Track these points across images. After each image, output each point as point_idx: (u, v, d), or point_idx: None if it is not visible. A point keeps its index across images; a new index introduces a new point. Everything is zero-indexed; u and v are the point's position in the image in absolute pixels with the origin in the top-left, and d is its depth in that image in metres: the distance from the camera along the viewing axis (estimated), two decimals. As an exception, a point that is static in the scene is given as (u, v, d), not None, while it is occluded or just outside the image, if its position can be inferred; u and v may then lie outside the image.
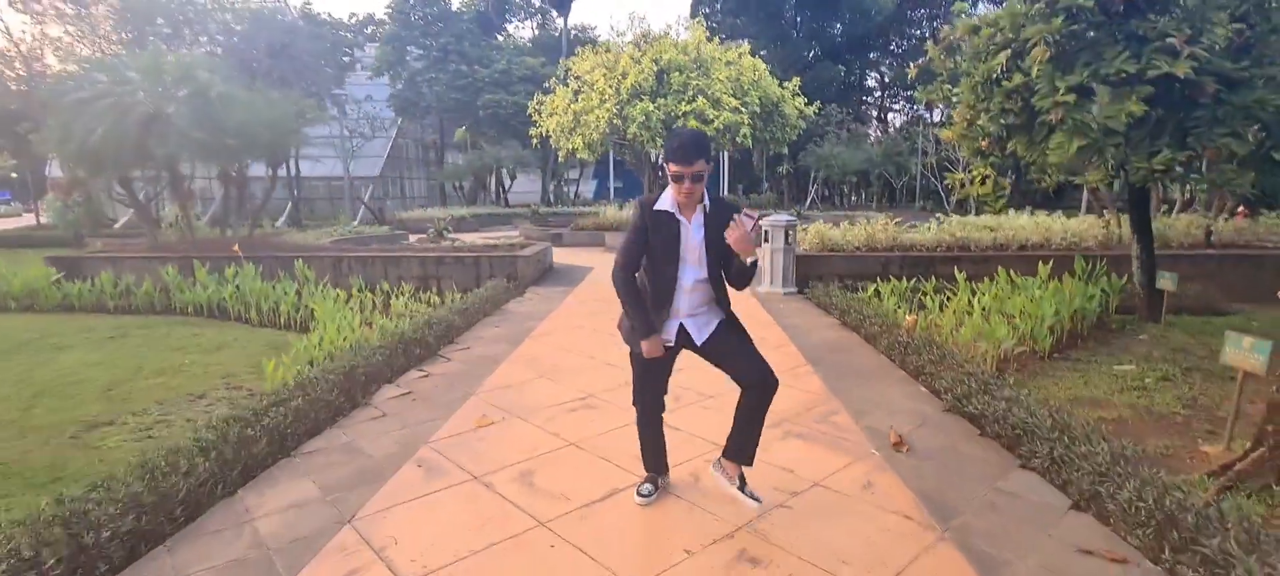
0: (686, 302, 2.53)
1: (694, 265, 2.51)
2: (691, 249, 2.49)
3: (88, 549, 2.29)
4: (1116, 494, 2.58)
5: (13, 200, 49.48)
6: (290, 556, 2.45)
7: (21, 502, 3.02)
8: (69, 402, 4.51)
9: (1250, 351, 3.44)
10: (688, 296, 2.53)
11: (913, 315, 5.98)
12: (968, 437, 3.58)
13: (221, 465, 2.96)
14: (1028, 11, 5.06)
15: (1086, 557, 2.40)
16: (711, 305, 2.59)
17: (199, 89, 9.25)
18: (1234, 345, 3.55)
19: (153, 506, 2.57)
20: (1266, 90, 4.52)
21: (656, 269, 2.52)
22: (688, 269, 2.50)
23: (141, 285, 8.57)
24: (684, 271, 2.50)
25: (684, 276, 2.51)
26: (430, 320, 5.96)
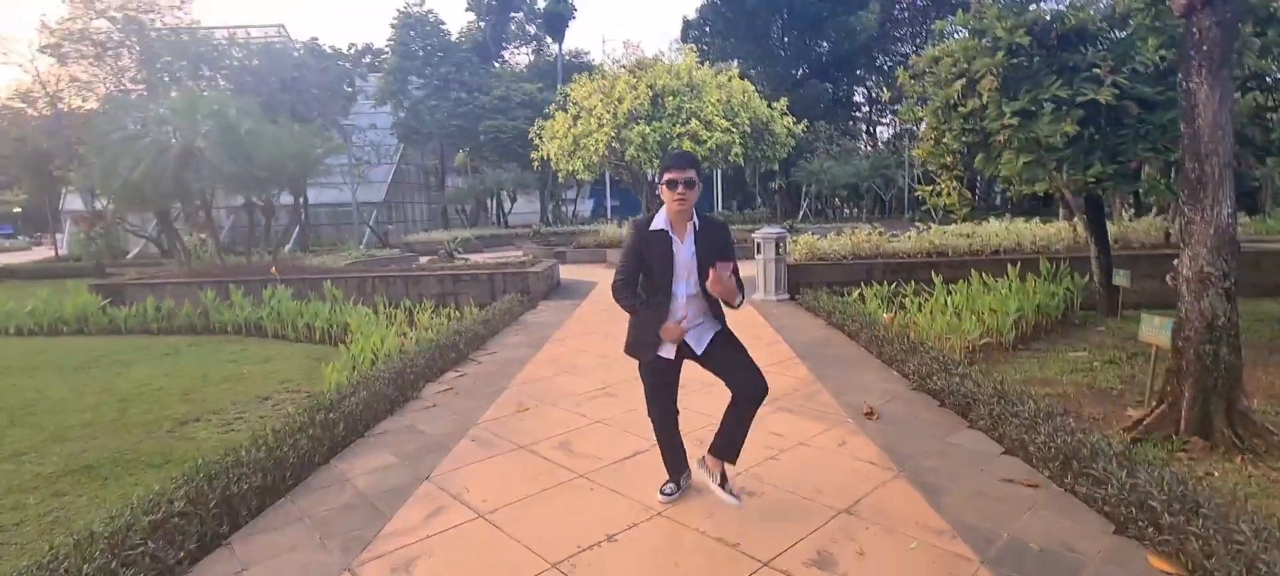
0: (680, 316, 2.67)
1: (687, 280, 2.66)
2: (684, 265, 2.64)
3: (232, 498, 2.96)
4: (1035, 439, 3.28)
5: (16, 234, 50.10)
6: (387, 502, 3.12)
7: (144, 479, 3.67)
8: (155, 406, 5.17)
9: (1160, 330, 4.14)
10: (684, 310, 2.67)
11: (890, 314, 6.70)
12: (928, 408, 4.27)
13: (314, 442, 3.63)
14: (977, 45, 5.85)
15: (1008, 484, 3.09)
16: (707, 316, 2.75)
17: (230, 126, 10.01)
18: (1147, 325, 4.26)
19: (272, 469, 3.24)
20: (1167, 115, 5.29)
21: (653, 285, 2.68)
22: (682, 284, 2.66)
23: (181, 308, 9.25)
24: (678, 287, 2.66)
25: (678, 291, 2.66)
26: (459, 329, 6.65)
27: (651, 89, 15.94)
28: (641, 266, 2.69)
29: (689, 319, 2.68)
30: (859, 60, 36.73)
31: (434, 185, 35.25)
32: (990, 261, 9.02)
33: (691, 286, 2.66)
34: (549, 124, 18.01)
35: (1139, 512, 2.55)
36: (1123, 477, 2.73)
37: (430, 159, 32.91)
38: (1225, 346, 3.48)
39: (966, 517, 2.77)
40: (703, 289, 2.65)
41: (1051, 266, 8.17)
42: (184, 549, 2.60)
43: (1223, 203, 3.30)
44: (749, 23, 31.65)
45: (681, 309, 2.67)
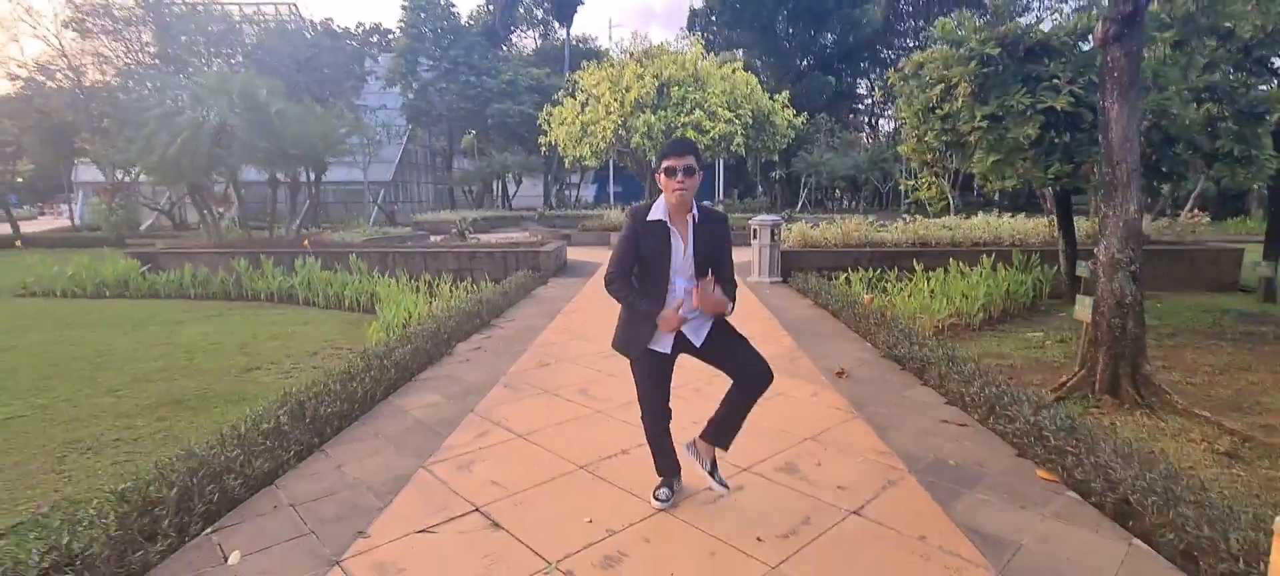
0: (684, 310, 2.56)
1: (685, 272, 2.55)
2: (682, 257, 2.54)
3: (318, 419, 3.67)
4: (969, 391, 4.00)
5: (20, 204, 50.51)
6: (442, 426, 3.85)
7: (226, 413, 4.38)
8: (217, 357, 5.89)
9: (1087, 308, 4.86)
10: (684, 305, 2.56)
11: (869, 295, 7.41)
12: (891, 371, 5.00)
13: (375, 382, 4.35)
14: (954, 55, 6.51)
15: (943, 424, 3.81)
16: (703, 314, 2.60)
17: (261, 105, 10.64)
18: (1080, 304, 4.96)
19: (346, 399, 3.96)
20: (1128, 119, 5.96)
21: (650, 277, 2.55)
22: (680, 277, 2.56)
23: (216, 276, 9.95)
24: (676, 278, 2.55)
25: (676, 283, 2.55)
26: (481, 299, 7.36)
27: (658, 79, 16.53)
28: (637, 258, 2.56)
29: (686, 309, 2.56)
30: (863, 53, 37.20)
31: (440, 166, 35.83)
32: (969, 252, 9.72)
33: (690, 279, 2.55)
34: (558, 110, 18.60)
35: (1035, 441, 3.28)
36: (1028, 415, 3.46)
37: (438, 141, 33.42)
38: (1132, 320, 4.19)
39: (905, 445, 3.50)
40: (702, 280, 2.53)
41: (1023, 258, 8.87)
42: (290, 451, 3.32)
43: (1131, 201, 4.00)
44: (755, 14, 32.07)
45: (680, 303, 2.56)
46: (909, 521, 2.71)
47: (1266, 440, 3.64)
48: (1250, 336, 6.44)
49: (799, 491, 2.99)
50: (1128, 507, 2.65)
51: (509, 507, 2.86)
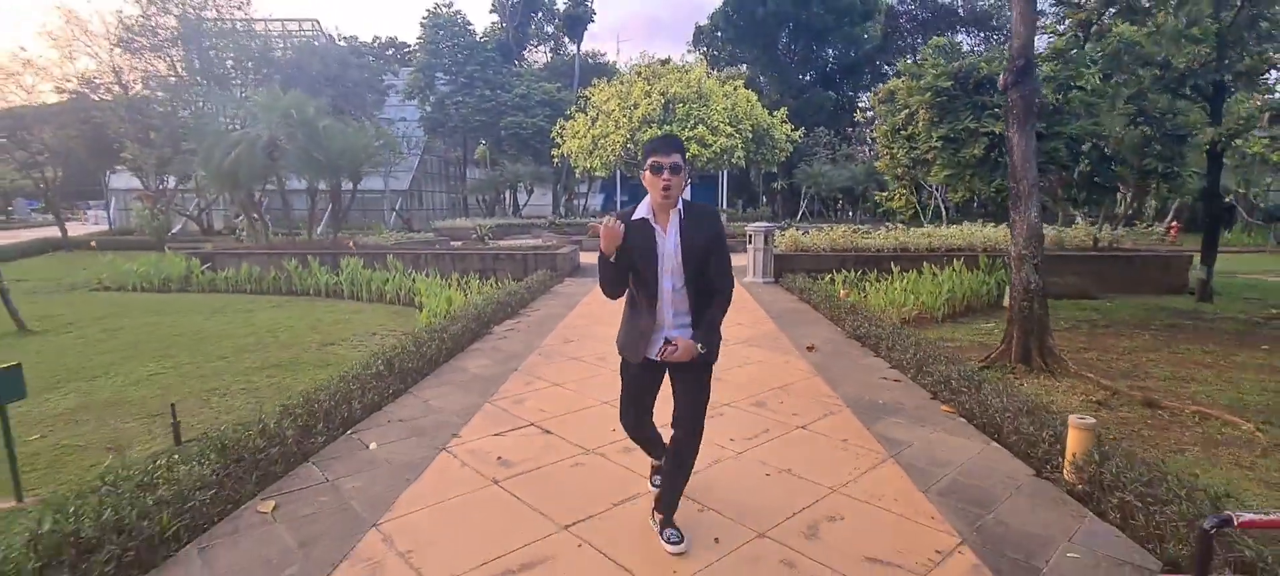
0: (670, 313, 2.50)
1: (671, 273, 2.46)
2: (668, 255, 2.45)
3: (404, 371, 4.82)
4: (905, 356, 5.11)
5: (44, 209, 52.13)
6: (495, 378, 4.99)
7: (316, 374, 5.52)
8: (295, 335, 7.06)
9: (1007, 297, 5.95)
10: (670, 306, 2.49)
11: (845, 289, 8.53)
12: (853, 347, 6.11)
13: (439, 348, 5.51)
14: (915, 86, 7.66)
15: (882, 380, 4.93)
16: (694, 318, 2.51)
17: (309, 122, 11.90)
18: (1008, 293, 6.08)
19: (420, 359, 5.11)
20: (1060, 142, 7.10)
21: (640, 279, 2.48)
22: (667, 277, 2.46)
23: (268, 274, 11.16)
24: (664, 280, 2.47)
25: (664, 284, 2.47)
26: (510, 292, 8.52)
27: (664, 96, 17.75)
28: (626, 260, 2.47)
29: (674, 318, 2.50)
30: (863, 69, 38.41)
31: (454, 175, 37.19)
32: (943, 256, 10.80)
33: (677, 279, 2.47)
34: (570, 124, 19.83)
35: (944, 387, 4.40)
36: (942, 370, 4.58)
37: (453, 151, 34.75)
38: (1037, 303, 5.30)
39: (849, 392, 4.62)
40: (690, 282, 2.48)
41: (989, 261, 9.96)
42: (389, 390, 4.47)
43: (1031, 209, 5.12)
44: (758, 32, 33.36)
45: (667, 307, 2.49)
46: (838, 432, 3.83)
47: (1129, 393, 4.74)
48: (1171, 328, 7.52)
49: (763, 416, 4.11)
50: (994, 425, 3.76)
51: (554, 423, 3.99)
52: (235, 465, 3.00)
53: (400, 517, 2.82)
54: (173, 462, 2.95)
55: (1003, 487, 3.10)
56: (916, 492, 3.05)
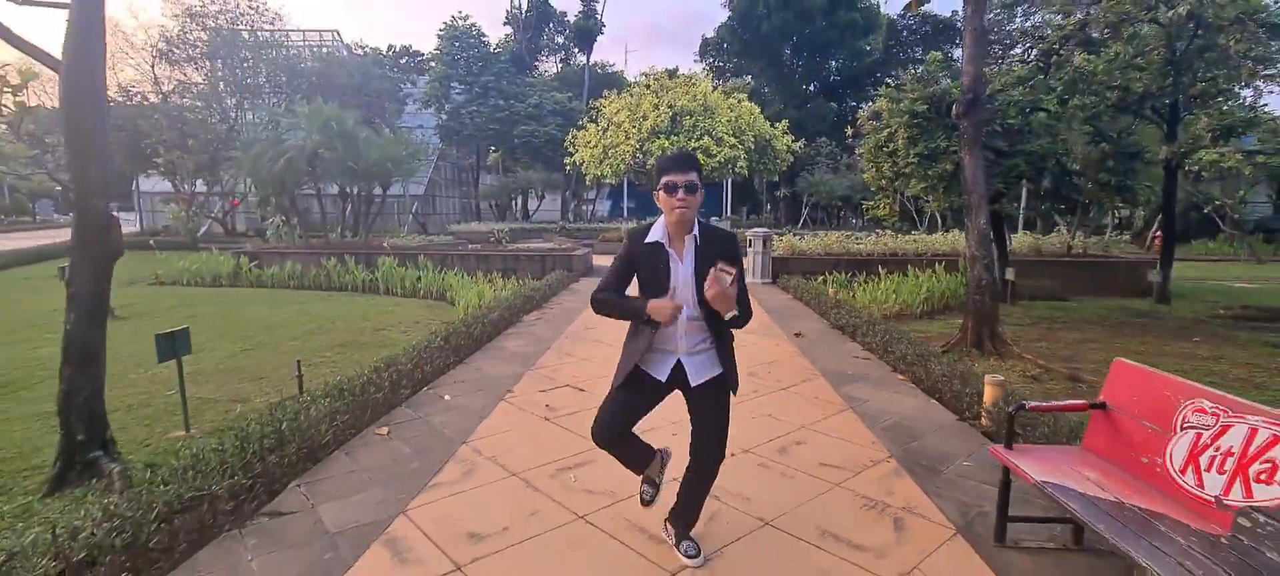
0: (685, 341, 2.33)
1: (686, 300, 2.29)
2: (683, 283, 2.28)
3: (459, 347, 5.85)
4: (876, 340, 6.10)
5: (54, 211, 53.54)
6: (532, 355, 6.00)
7: (378, 353, 6.54)
8: (349, 323, 8.10)
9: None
10: (685, 335, 2.32)
11: (834, 289, 9.51)
12: (835, 334, 7.10)
13: (484, 330, 6.53)
14: (895, 107, 8.65)
15: (854, 358, 5.92)
16: (711, 349, 2.37)
17: (349, 133, 12.99)
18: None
19: (469, 338, 6.13)
20: (1021, 160, 8.08)
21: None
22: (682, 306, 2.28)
23: (309, 271, 12.22)
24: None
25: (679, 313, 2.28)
26: (533, 288, 9.54)
27: (672, 109, 18.81)
28: (628, 282, 2.38)
29: (689, 347, 2.34)
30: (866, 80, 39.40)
31: (466, 181, 38.37)
32: (928, 260, 11.78)
33: (693, 309, 2.29)
34: (582, 134, 20.92)
35: (901, 362, 5.38)
36: (903, 350, 5.57)
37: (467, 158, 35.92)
38: (987, 297, 6.28)
39: (826, 366, 5.60)
40: (706, 313, 2.29)
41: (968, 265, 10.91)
42: (449, 360, 5.49)
43: (980, 217, 6.10)
44: (763, 45, 34.46)
45: (681, 336, 2.32)
46: (812, 393, 4.82)
47: (1059, 371, 5.71)
48: (1121, 325, 8.46)
49: (753, 382, 5.11)
50: (935, 388, 4.74)
51: (587, 384, 5.00)
52: (355, 402, 4.01)
53: (480, 438, 3.84)
54: (306, 403, 3.97)
55: (930, 427, 4.09)
56: (865, 430, 4.04)
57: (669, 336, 2.34)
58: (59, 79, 2.88)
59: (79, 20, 2.81)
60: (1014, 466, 2.52)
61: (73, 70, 2.83)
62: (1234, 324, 8.53)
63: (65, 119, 2.93)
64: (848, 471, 3.42)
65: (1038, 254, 12.45)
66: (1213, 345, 7.11)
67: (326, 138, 12.98)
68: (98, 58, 2.98)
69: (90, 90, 2.93)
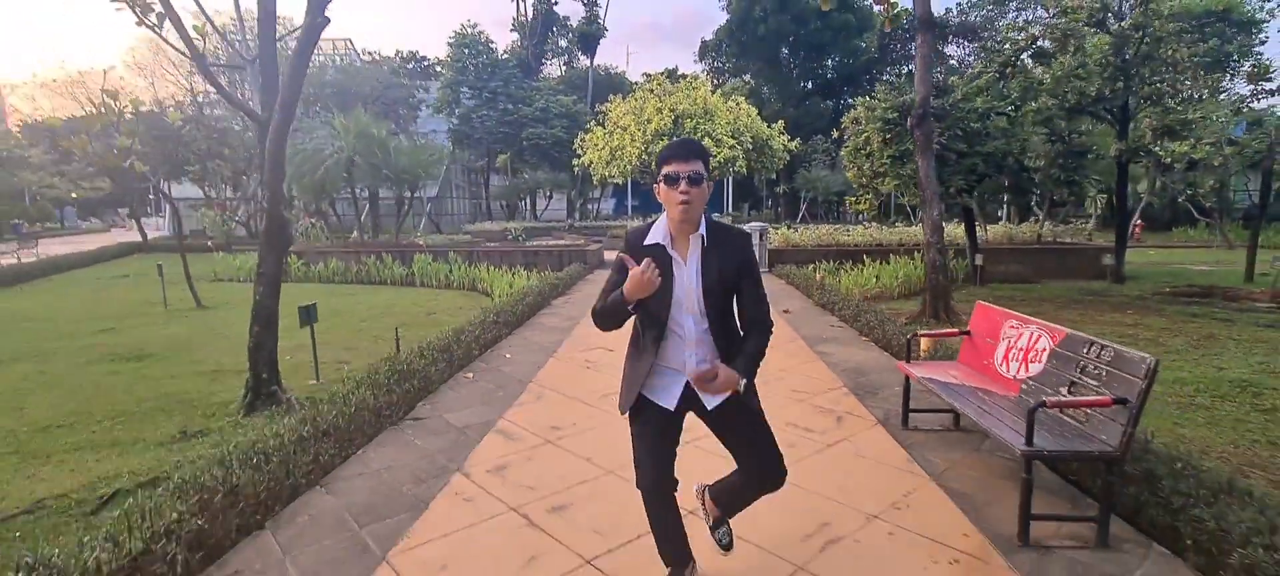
0: (694, 357, 2.01)
1: (692, 309, 1.99)
2: (688, 291, 1.98)
3: (507, 321, 7.18)
4: (848, 311, 7.41)
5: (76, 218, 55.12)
6: (568, 328, 7.34)
7: (433, 330, 7.87)
8: (403, 309, 9.43)
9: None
10: (694, 350, 2.01)
11: (821, 275, 10.82)
12: (817, 311, 8.41)
13: (525, 310, 7.87)
14: (870, 115, 9.94)
15: (831, 327, 7.24)
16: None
17: (381, 142, 14.33)
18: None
19: (514, 315, 7.47)
20: (978, 159, 9.37)
21: (650, 317, 2.01)
22: (686, 317, 2.00)
23: (350, 268, 13.58)
24: (683, 319, 2.00)
25: (684, 325, 2.00)
26: (556, 279, 10.87)
27: (674, 112, 20.09)
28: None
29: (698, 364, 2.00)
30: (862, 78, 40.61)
31: (475, 182, 39.74)
32: (910, 249, 13.07)
33: (700, 319, 2.00)
34: (589, 137, 22.22)
35: (866, 327, 6.70)
36: (868, 320, 6.88)
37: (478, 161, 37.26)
38: (942, 275, 7.58)
39: (806, 333, 6.92)
40: (715, 324, 2.00)
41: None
42: (500, 333, 6.83)
43: (934, 210, 7.40)
44: (761, 46, 35.69)
45: (690, 351, 2.01)
46: (792, 351, 6.13)
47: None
48: (1071, 301, 9.74)
49: (746, 344, 6.43)
50: (887, 344, 6.05)
51: (618, 348, 6.33)
52: (443, 357, 5.35)
53: (541, 380, 5.17)
54: (412, 356, 5.29)
55: (878, 369, 5.41)
56: (830, 373, 5.36)
57: (674, 353, 2.02)
58: (269, 131, 4.22)
59: (287, 94, 4.14)
60: (909, 372, 3.84)
61: (279, 127, 4.17)
62: (1169, 300, 9.80)
63: (269, 157, 4.26)
64: (810, 393, 4.74)
65: (1010, 242, 13.72)
66: (1139, 315, 8.39)
67: (361, 146, 14.32)
68: (291, 119, 4.32)
69: (284, 139, 4.27)
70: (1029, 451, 2.55)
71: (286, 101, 4.23)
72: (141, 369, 6.12)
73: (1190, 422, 4.26)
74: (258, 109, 4.80)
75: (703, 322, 2.01)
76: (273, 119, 4.26)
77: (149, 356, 6.61)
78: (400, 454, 3.68)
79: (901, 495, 3.07)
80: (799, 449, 3.65)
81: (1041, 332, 3.25)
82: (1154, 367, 2.46)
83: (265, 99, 4.66)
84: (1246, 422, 4.26)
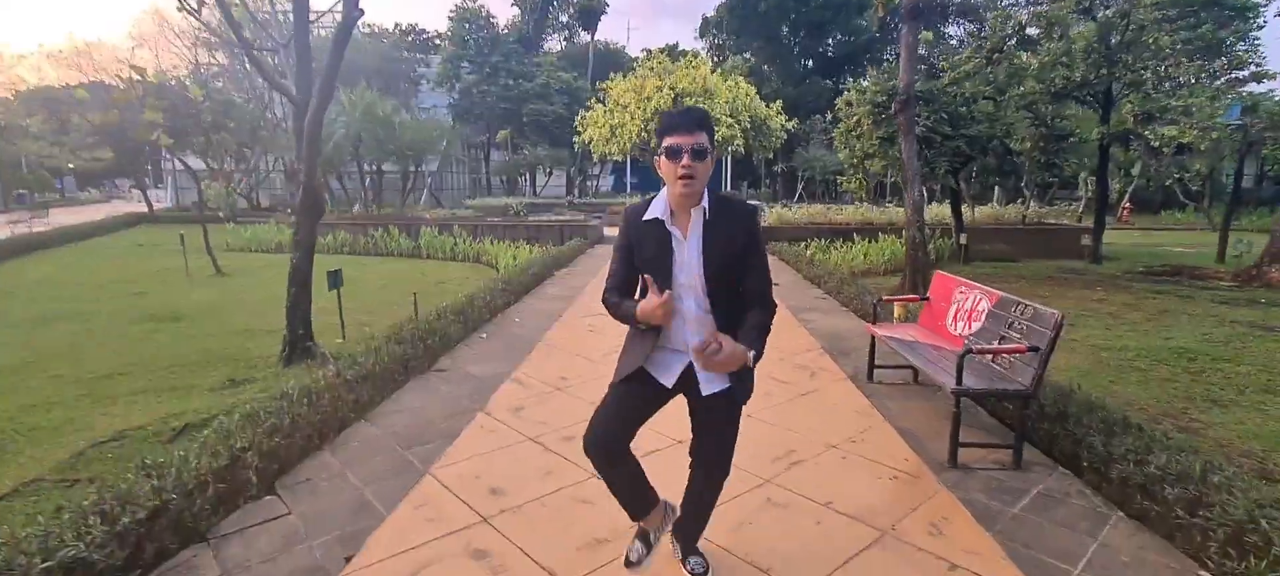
0: (696, 339, 1.89)
1: (694, 287, 1.89)
2: (689, 269, 1.88)
3: (517, 289, 7.70)
4: (831, 284, 7.95)
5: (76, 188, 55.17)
6: (572, 297, 7.87)
7: (445, 297, 8.39)
8: (412, 279, 9.94)
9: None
10: (694, 330, 1.92)
11: (810, 251, 11.34)
12: (805, 283, 8.95)
13: (531, 279, 8.39)
14: (861, 98, 10.36)
15: (816, 298, 7.78)
16: None
17: (386, 118, 14.69)
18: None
19: (520, 285, 8.00)
20: (961, 141, 9.83)
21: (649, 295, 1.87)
22: (689, 296, 1.90)
23: (358, 240, 14.04)
24: (685, 299, 1.90)
25: (686, 305, 1.90)
26: (558, 252, 11.37)
27: (674, 91, 20.37)
28: (634, 270, 1.98)
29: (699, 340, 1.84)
30: (862, 57, 40.68)
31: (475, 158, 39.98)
32: (898, 228, 13.56)
33: (701, 298, 1.89)
34: (590, 115, 22.50)
35: (847, 299, 7.24)
36: (849, 291, 7.41)
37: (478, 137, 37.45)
38: (921, 252, 8.10)
39: (792, 303, 7.46)
40: (717, 304, 1.90)
41: (933, 231, 12.71)
42: (513, 297, 7.36)
43: (915, 190, 7.89)
44: (761, 23, 35.73)
45: (690, 330, 1.92)
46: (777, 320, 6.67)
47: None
48: (1047, 278, 10.27)
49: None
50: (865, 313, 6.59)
51: (614, 314, 6.88)
52: (459, 318, 5.87)
53: (547, 340, 5.71)
54: (432, 317, 5.81)
55: (853, 334, 5.96)
56: (808, 336, 5.90)
57: (676, 334, 1.94)
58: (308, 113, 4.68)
59: (326, 79, 4.60)
60: (874, 332, 4.38)
61: (316, 110, 4.63)
62: (1139, 278, 10.34)
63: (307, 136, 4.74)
64: (790, 354, 5.29)
65: (998, 222, 14.22)
66: (1106, 292, 8.93)
67: (366, 122, 14.68)
68: (328, 102, 4.78)
69: (321, 120, 4.73)
70: (958, 389, 3.10)
71: (325, 86, 4.70)
72: (179, 328, 6.65)
73: (1124, 382, 4.82)
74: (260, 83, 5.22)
75: (705, 302, 1.90)
76: (311, 102, 4.72)
77: (183, 317, 7.13)
78: (429, 397, 4.23)
79: (858, 432, 3.62)
80: (774, 397, 4.21)
81: (982, 297, 3.79)
82: (1060, 321, 3.00)
83: (299, 80, 5.11)
84: (1174, 382, 4.82)
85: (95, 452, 3.62)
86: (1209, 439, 3.73)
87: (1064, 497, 2.88)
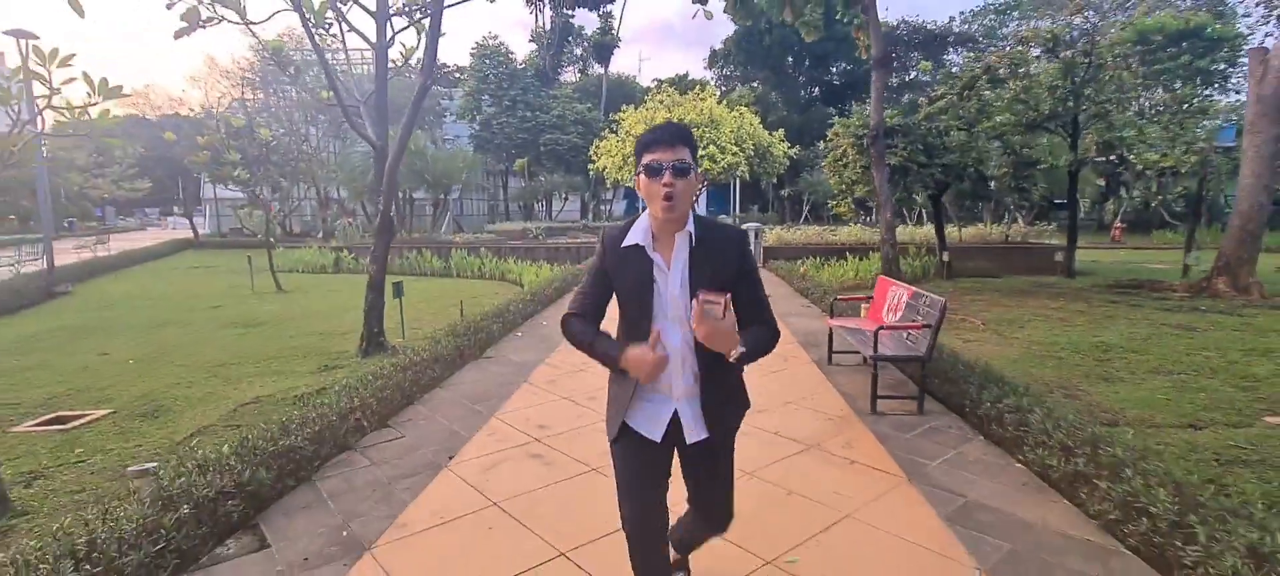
0: (681, 380, 1.78)
1: (679, 323, 1.75)
2: (673, 301, 1.74)
3: (540, 299, 8.98)
4: (818, 297, 9.13)
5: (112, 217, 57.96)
6: (587, 306, 9.13)
7: (480, 308, 9.68)
8: (447, 294, 11.26)
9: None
10: (680, 370, 1.78)
11: (804, 268, 12.54)
12: (794, 294, 10.13)
13: (551, 293, 9.67)
14: (846, 130, 11.62)
15: (803, 306, 8.96)
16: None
17: (420, 149, 16.21)
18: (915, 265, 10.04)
19: (545, 295, 9.27)
20: (937, 169, 11.04)
21: (630, 327, 1.80)
22: (671, 328, 1.75)
23: (392, 262, 15.46)
24: (671, 334, 1.75)
25: (669, 338, 1.74)
26: (578, 270, 12.65)
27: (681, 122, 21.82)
28: (605, 296, 1.87)
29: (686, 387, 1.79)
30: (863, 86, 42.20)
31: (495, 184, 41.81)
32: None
33: (687, 331, 1.73)
34: (604, 144, 24.05)
35: (827, 307, 8.41)
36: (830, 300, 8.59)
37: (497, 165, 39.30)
38: (893, 266, 9.26)
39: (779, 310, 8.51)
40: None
41: (916, 250, 13.86)
42: (536, 308, 8.63)
43: (887, 212, 9.10)
44: (767, 55, 37.39)
45: (675, 371, 1.77)
46: (765, 321, 7.88)
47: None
48: (1019, 291, 11.35)
49: (730, 317, 8.19)
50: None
51: (626, 318, 8.12)
52: (498, 320, 7.14)
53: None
54: (477, 319, 7.08)
55: (824, 332, 7.12)
56: (792, 337, 7.08)
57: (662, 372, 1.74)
58: (386, 157, 6.05)
59: (403, 132, 5.99)
60: (829, 323, 5.58)
61: (395, 156, 6.01)
62: (1103, 291, 11.37)
63: (387, 177, 6.10)
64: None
65: (983, 241, 15.33)
66: (1067, 302, 9.99)
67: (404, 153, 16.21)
68: (403, 152, 6.15)
69: (398, 164, 6.10)
70: (874, 356, 4.29)
71: (403, 139, 6.06)
72: (264, 331, 7.99)
73: (1041, 366, 5.94)
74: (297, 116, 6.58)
75: (691, 337, 1.70)
76: (389, 150, 6.08)
77: (263, 324, 8.48)
78: (483, 375, 5.48)
79: (809, 393, 4.80)
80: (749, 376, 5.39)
81: (903, 292, 4.99)
82: (944, 305, 4.19)
83: (376, 130, 6.48)
84: (1082, 366, 5.92)
85: (241, 411, 4.89)
86: (1084, 402, 4.84)
87: (946, 429, 4.04)
